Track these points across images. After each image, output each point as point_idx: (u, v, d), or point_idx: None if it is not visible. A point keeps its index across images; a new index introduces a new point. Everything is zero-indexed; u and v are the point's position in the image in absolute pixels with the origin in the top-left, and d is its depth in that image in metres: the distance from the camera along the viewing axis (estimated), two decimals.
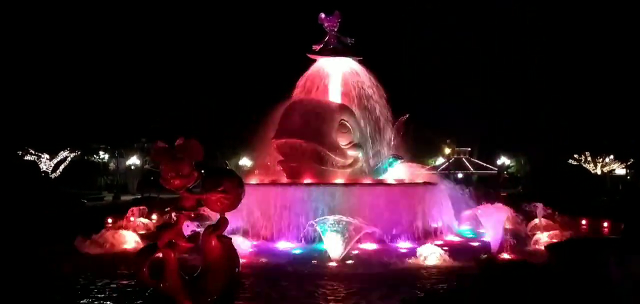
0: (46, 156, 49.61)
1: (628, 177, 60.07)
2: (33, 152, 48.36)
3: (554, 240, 13.75)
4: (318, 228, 13.03)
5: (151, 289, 6.41)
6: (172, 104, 56.69)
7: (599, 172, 57.72)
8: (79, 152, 53.71)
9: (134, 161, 57.92)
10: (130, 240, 14.86)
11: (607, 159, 57.92)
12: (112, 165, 60.67)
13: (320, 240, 13.30)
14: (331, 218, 13.03)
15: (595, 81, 60.16)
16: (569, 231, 15.56)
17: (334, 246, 12.52)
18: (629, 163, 57.69)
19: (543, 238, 14.51)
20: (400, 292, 9.48)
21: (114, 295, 9.28)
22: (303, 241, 14.51)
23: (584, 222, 17.35)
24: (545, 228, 15.55)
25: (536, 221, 16.30)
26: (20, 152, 47.51)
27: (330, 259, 12.29)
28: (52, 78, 55.00)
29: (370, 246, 14.18)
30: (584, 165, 57.52)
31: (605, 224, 17.12)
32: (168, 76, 60.50)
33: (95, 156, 58.51)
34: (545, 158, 54.98)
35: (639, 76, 57.23)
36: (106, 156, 59.26)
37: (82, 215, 24.24)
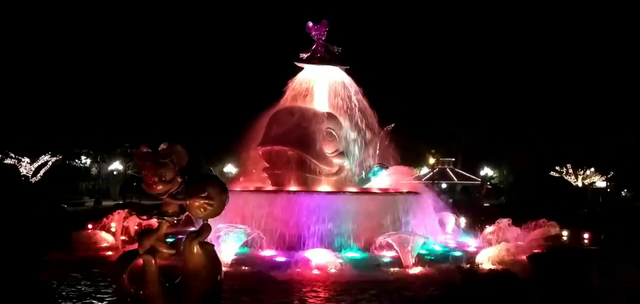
0: (27, 159, 48.68)
1: (608, 189, 61.15)
2: (13, 155, 47.42)
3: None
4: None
5: (131, 296, 6.30)
6: (156, 109, 56.18)
7: (580, 184, 58.65)
8: (61, 157, 52.80)
9: (116, 166, 57.14)
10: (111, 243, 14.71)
11: (588, 172, 58.91)
12: (94, 170, 59.76)
13: (304, 248, 13.25)
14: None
15: (577, 95, 61.33)
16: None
17: (317, 254, 12.49)
18: (609, 176, 58.74)
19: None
20: (383, 300, 9.48)
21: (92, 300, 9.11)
22: (286, 249, 14.42)
23: (564, 233, 17.58)
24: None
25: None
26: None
27: (313, 267, 12.24)
28: (33, 80, 54.14)
29: (354, 254, 14.16)
30: (565, 177, 58.42)
31: (586, 235, 17.40)
32: (153, 81, 60.00)
33: (77, 160, 57.59)
34: (528, 169, 55.69)
35: (620, 91, 58.52)
36: (88, 161, 58.38)
37: (61, 220, 23.78)
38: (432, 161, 59.84)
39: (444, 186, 56.43)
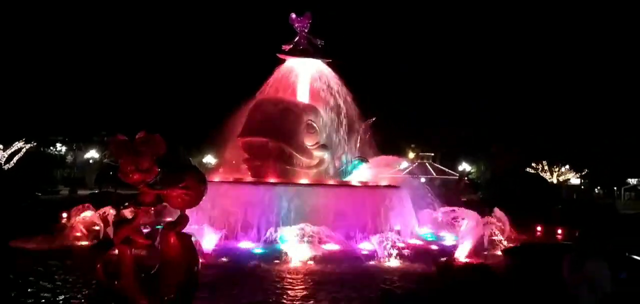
0: None
1: (582, 186, 62.62)
2: None
3: (510, 245, 14.17)
4: (278, 237, 13.05)
5: (106, 286, 6.19)
6: (134, 97, 55.25)
7: (555, 181, 59.90)
8: (35, 144, 51.55)
9: (92, 154, 56.08)
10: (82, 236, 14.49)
11: (563, 169, 60.18)
12: (69, 158, 58.59)
13: (283, 240, 13.24)
14: (295, 227, 12.99)
15: (554, 94, 62.59)
16: (523, 236, 16.04)
17: (295, 247, 12.50)
18: (583, 173, 60.12)
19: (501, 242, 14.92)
20: (360, 292, 9.55)
21: (64, 291, 8.96)
22: (265, 241, 14.38)
23: (539, 228, 17.94)
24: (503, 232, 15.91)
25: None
26: None
27: (291, 260, 12.26)
28: (7, 65, 52.64)
29: (332, 247, 14.21)
30: (541, 174, 59.58)
31: (559, 231, 17.81)
32: (132, 68, 58.95)
33: (52, 148, 56.36)
34: (505, 166, 56.63)
35: (595, 91, 59.90)
36: (64, 149, 57.20)
37: (35, 209, 23.28)
38: (411, 155, 60.42)
39: (423, 180, 56.92)
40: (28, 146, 49.66)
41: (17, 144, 48.60)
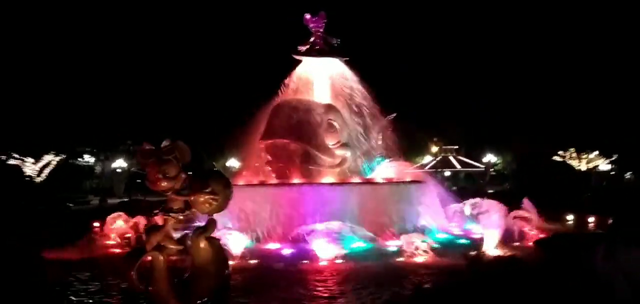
0: (30, 160, 48.84)
1: (612, 172, 60.95)
2: (17, 156, 47.58)
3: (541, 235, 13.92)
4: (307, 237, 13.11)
5: (140, 293, 6.33)
6: (158, 106, 56.14)
7: (583, 168, 58.45)
8: (64, 156, 52.92)
9: (120, 163, 57.26)
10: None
11: (591, 155, 58.63)
12: (97, 168, 59.97)
13: (310, 240, 13.28)
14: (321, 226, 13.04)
15: (579, 78, 61.00)
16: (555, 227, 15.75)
17: (323, 247, 12.53)
18: (613, 159, 58.47)
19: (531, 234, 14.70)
20: (390, 290, 9.51)
21: (98, 299, 9.17)
22: (293, 242, 14.45)
23: (570, 217, 17.57)
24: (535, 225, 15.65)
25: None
26: (3, 157, 46.70)
27: (320, 259, 12.29)
28: (35, 80, 54.15)
29: (360, 244, 14.19)
30: (569, 161, 58.23)
31: (591, 220, 17.40)
32: (154, 77, 59.92)
33: (80, 159, 57.77)
34: (531, 155, 55.55)
35: (623, 73, 58.21)
36: (92, 159, 58.58)
37: (67, 219, 23.90)
38: (435, 149, 59.87)
39: (447, 173, 56.38)
40: (57, 158, 51.03)
41: (47, 157, 49.99)
